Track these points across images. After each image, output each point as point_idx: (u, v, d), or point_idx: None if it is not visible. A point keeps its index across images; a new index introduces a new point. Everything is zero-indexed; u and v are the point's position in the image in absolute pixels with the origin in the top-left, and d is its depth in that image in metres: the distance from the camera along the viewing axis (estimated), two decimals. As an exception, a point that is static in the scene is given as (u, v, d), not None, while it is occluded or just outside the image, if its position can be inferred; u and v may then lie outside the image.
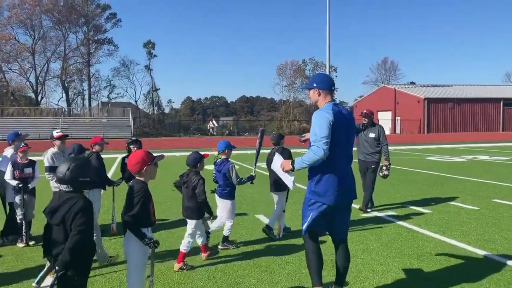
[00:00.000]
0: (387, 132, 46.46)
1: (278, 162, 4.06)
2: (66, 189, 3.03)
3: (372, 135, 7.96)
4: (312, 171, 3.77)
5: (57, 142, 6.41)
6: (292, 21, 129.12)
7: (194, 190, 5.23)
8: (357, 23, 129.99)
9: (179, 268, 4.99)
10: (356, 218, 7.31)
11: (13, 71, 57.23)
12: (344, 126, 3.71)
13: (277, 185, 6.15)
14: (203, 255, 5.41)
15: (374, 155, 7.95)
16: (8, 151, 6.34)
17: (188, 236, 5.16)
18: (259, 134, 6.02)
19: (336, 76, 73.57)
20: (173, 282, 4.63)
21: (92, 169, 3.32)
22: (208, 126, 64.75)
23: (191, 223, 5.23)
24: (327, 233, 4.02)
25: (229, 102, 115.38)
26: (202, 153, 5.60)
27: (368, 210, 8.00)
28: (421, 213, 7.82)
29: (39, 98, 57.99)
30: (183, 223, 5.81)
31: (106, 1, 64.42)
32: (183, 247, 5.05)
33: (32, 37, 55.90)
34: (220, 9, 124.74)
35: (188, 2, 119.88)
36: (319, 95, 3.86)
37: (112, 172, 14.38)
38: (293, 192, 6.55)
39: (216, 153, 6.16)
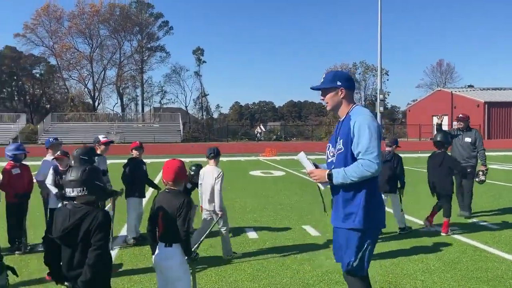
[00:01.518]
0: (443, 138, 44.43)
1: (306, 166, 3.19)
2: (79, 194, 2.81)
3: (468, 139, 7.84)
4: (355, 190, 2.96)
5: (102, 147, 6.59)
6: (342, 23, 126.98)
7: None
8: (410, 23, 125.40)
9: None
10: (413, 234, 6.72)
11: (72, 79, 60.72)
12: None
13: (390, 186, 6.52)
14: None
15: (469, 160, 7.80)
16: (49, 156, 6.36)
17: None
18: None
19: (388, 80, 71.28)
20: None
21: (102, 177, 3.09)
22: (255, 131, 64.86)
23: None
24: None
25: (276, 107, 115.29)
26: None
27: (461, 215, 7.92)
28: (488, 229, 7.03)
29: (96, 104, 60.92)
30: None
31: (159, 9, 66.69)
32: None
33: (90, 45, 59.00)
34: (267, 14, 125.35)
35: (235, 8, 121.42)
36: (343, 97, 3.09)
37: (159, 177, 14.50)
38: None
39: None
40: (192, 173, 6.05)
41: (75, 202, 2.85)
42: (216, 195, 5.37)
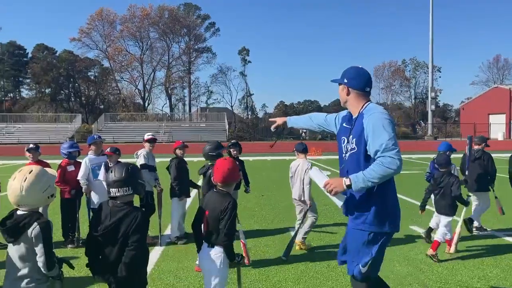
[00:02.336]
0: (500, 138, 41.43)
1: (320, 181, 2.99)
2: (124, 193, 2.85)
3: None
4: (366, 192, 2.79)
5: (147, 144, 6.74)
6: (390, 18, 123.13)
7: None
8: (464, 17, 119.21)
9: (431, 255, 5.34)
10: (469, 239, 6.34)
11: (124, 80, 63.20)
12: None
13: (478, 184, 6.52)
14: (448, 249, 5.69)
15: None
16: (90, 154, 6.47)
17: (444, 227, 5.54)
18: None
19: (440, 77, 68.31)
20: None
21: (142, 174, 3.11)
22: (300, 130, 64.32)
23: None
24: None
25: (321, 105, 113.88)
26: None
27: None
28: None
29: (146, 104, 63.08)
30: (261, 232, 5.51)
31: (206, 11, 67.96)
32: (439, 237, 5.47)
33: (141, 48, 61.11)
34: (312, 12, 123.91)
35: (280, 8, 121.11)
36: (347, 95, 2.99)
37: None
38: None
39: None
40: None
41: (117, 201, 2.89)
42: (305, 187, 5.84)
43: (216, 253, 3.15)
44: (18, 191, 2.62)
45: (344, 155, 2.98)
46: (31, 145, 6.61)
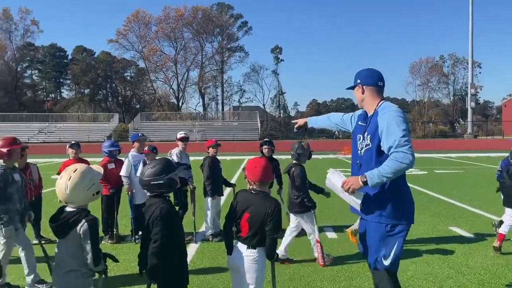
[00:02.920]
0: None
1: (337, 181, 3.13)
2: (152, 194, 3.00)
3: None
4: (382, 186, 2.92)
5: (180, 143, 6.87)
6: (427, 12, 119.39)
7: None
8: (505, 10, 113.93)
9: (494, 246, 5.60)
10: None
11: (159, 80, 64.59)
12: None
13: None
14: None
15: None
16: (133, 151, 6.67)
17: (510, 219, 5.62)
18: None
19: (480, 73, 65.53)
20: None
21: (173, 168, 3.16)
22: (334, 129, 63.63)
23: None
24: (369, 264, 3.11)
25: (355, 103, 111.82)
26: None
27: None
28: None
29: (180, 104, 64.22)
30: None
31: (238, 10, 68.34)
32: (505, 229, 5.60)
33: (175, 48, 62.26)
34: (345, 9, 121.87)
35: (312, 5, 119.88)
36: (363, 93, 3.17)
37: (238, 174, 14.82)
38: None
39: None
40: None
41: (150, 196, 3.04)
42: None
43: (258, 255, 3.12)
44: (63, 190, 2.74)
45: (359, 151, 3.14)
46: (73, 142, 6.91)
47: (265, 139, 7.17)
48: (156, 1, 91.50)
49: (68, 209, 2.81)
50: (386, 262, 2.92)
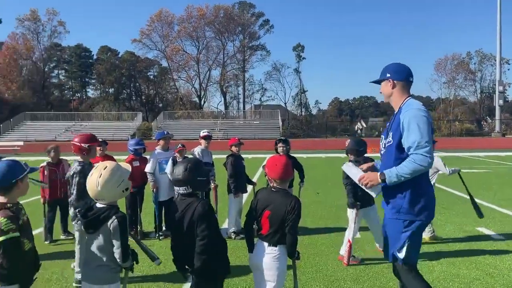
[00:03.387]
0: None
1: (354, 175, 3.29)
2: (185, 191, 3.00)
3: None
4: (400, 183, 2.98)
5: (203, 141, 6.92)
6: (453, 9, 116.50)
7: None
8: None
9: None
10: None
11: (181, 79, 65.23)
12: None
13: None
14: None
15: None
16: (158, 149, 6.77)
17: None
18: None
19: (508, 69, 63.49)
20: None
21: (205, 169, 3.21)
22: (355, 127, 62.99)
23: None
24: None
25: (378, 102, 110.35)
26: None
27: None
28: None
29: (202, 102, 64.72)
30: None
31: (260, 9, 68.31)
32: None
33: (197, 47, 62.75)
34: (367, 6, 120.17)
35: (334, 2, 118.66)
36: (393, 87, 3.13)
37: (259, 172, 14.85)
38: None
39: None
40: None
41: (181, 194, 3.05)
42: None
43: (279, 252, 3.12)
44: (95, 187, 2.81)
45: (382, 148, 3.23)
46: (99, 139, 7.03)
47: (279, 138, 7.12)
48: (178, 0, 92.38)
49: (99, 205, 2.88)
50: (401, 255, 3.00)
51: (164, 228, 6.54)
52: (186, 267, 3.01)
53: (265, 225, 3.17)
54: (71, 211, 4.48)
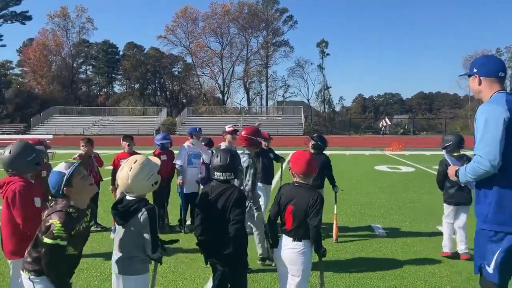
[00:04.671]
0: None
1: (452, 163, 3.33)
2: (226, 177, 3.11)
3: None
4: (485, 188, 2.69)
5: (228, 136, 6.91)
6: (483, 2, 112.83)
7: None
8: None
9: None
10: None
11: (205, 75, 65.63)
12: None
13: None
14: None
15: None
16: (187, 143, 6.86)
17: None
18: None
19: (542, 66, 61.14)
20: None
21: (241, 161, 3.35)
22: (380, 125, 61.96)
23: None
24: None
25: (404, 99, 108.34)
26: None
27: None
28: None
29: (225, 98, 65.01)
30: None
31: (284, 4, 68.03)
32: None
33: (221, 43, 62.98)
34: (392, 2, 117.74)
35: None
36: (479, 84, 2.82)
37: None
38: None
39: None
40: None
41: (217, 180, 3.15)
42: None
43: (304, 247, 3.14)
44: (125, 180, 2.87)
45: None
46: (126, 134, 7.19)
47: (316, 134, 7.00)
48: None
49: (128, 197, 2.94)
50: (490, 270, 2.69)
51: (188, 222, 6.63)
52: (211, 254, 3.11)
53: (288, 220, 3.20)
54: None
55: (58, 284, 2.58)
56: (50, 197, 3.10)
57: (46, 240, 2.50)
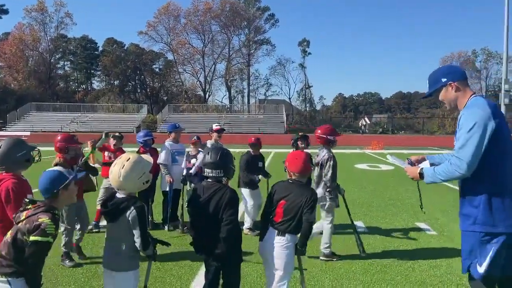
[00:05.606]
0: None
1: (400, 164, 3.19)
2: (216, 175, 3.14)
3: None
4: (471, 191, 2.73)
5: (214, 134, 7.04)
6: (458, 6, 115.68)
7: None
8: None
9: None
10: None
11: (186, 72, 65.17)
12: (507, 125, 2.75)
13: None
14: None
15: None
16: (168, 141, 6.87)
17: None
18: None
19: (515, 68, 63.10)
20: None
21: (233, 159, 3.38)
22: (359, 124, 62.85)
23: None
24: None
25: (383, 98, 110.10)
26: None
27: None
28: None
29: (207, 96, 64.73)
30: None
31: (265, 3, 68.12)
32: None
33: (203, 41, 62.64)
34: (373, 3, 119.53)
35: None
36: (457, 90, 2.80)
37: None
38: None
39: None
40: None
41: (209, 180, 3.20)
42: None
43: (287, 242, 3.25)
44: (117, 177, 2.89)
45: None
46: (117, 134, 6.97)
47: (300, 134, 7.05)
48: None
49: (119, 195, 2.97)
50: (481, 270, 2.69)
51: (170, 221, 6.67)
52: (204, 251, 3.16)
53: (278, 214, 3.32)
54: None
55: (34, 284, 2.55)
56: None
57: (36, 238, 2.46)
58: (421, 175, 2.85)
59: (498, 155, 2.64)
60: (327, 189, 5.34)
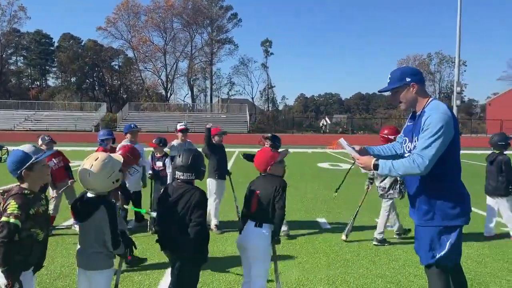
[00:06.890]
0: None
1: (351, 152, 3.13)
2: (187, 178, 3.18)
3: None
4: (430, 188, 2.85)
5: (179, 134, 7.01)
6: (414, 11, 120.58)
7: None
8: (492, 10, 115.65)
9: None
10: (499, 236, 6.41)
11: (148, 70, 64.02)
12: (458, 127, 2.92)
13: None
14: None
15: None
16: (125, 142, 6.64)
17: None
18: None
19: (465, 71, 66.78)
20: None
21: (204, 161, 3.43)
22: (320, 124, 64.14)
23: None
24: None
25: (343, 99, 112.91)
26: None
27: None
28: None
29: (168, 95, 63.82)
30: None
31: (228, 2, 67.95)
32: None
33: (164, 38, 61.70)
34: (334, 5, 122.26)
35: (303, 0, 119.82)
36: (417, 92, 2.91)
37: (230, 164, 14.99)
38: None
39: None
40: None
41: (179, 180, 3.23)
42: None
43: (265, 231, 3.41)
44: (86, 177, 2.87)
45: (407, 154, 2.98)
46: (46, 138, 6.42)
47: (270, 134, 7.00)
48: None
49: (89, 195, 2.94)
50: (439, 260, 2.85)
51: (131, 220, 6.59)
52: (169, 249, 3.20)
53: (254, 204, 3.49)
54: None
55: (10, 275, 2.50)
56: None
57: (3, 218, 2.50)
58: (376, 166, 2.86)
59: (455, 150, 2.84)
60: (399, 182, 5.83)
